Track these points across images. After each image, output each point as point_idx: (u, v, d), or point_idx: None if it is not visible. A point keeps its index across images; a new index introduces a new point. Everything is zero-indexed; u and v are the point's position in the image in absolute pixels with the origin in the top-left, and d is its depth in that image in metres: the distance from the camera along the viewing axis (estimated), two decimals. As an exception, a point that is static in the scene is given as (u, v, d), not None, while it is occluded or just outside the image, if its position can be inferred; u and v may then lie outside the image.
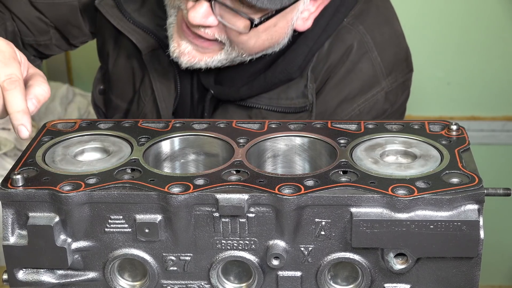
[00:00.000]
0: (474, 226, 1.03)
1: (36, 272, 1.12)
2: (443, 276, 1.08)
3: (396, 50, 1.62)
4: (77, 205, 1.06)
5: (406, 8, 1.67)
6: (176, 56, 1.45)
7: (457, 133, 1.21)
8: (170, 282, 1.12)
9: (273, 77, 1.53)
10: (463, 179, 1.07)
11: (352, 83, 1.57)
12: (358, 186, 1.06)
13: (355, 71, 1.57)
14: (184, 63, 1.45)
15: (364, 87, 1.57)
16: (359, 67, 1.57)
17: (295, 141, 1.23)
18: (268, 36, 1.44)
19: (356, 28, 1.56)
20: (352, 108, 1.57)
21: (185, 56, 1.45)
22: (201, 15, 1.37)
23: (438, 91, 2.69)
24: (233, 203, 1.05)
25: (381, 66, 1.58)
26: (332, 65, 1.56)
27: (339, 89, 1.57)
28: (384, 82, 1.58)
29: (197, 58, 1.45)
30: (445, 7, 2.60)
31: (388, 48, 1.60)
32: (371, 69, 1.57)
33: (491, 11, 2.59)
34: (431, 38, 2.60)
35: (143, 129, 1.24)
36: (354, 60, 1.56)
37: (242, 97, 1.55)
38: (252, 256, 1.09)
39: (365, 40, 1.57)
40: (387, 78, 1.59)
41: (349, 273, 1.11)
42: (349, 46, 1.56)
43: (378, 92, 1.58)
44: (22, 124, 1.10)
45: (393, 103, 1.61)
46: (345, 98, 1.57)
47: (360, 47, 1.56)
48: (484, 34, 2.62)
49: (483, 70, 2.67)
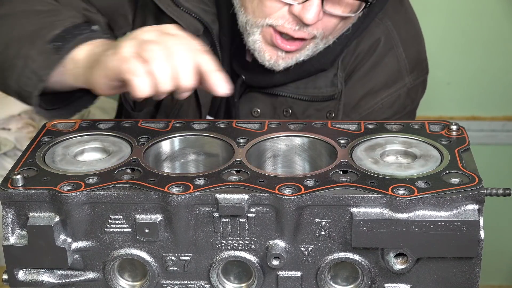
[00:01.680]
0: (474, 226, 1.03)
1: (36, 272, 1.12)
2: (443, 276, 1.08)
3: (419, 49, 1.65)
4: (77, 205, 1.06)
5: (406, 8, 1.71)
6: (273, 62, 1.45)
7: (457, 133, 1.21)
8: (170, 282, 1.12)
9: (310, 65, 1.53)
10: (463, 179, 1.07)
11: (378, 76, 1.59)
12: (358, 186, 1.06)
13: (381, 65, 1.59)
14: (281, 65, 1.46)
15: (389, 82, 1.60)
16: (385, 61, 1.59)
17: (295, 141, 1.23)
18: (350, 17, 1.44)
19: (385, 23, 1.59)
20: (375, 101, 1.59)
21: (282, 60, 1.45)
22: (317, 13, 1.36)
23: (438, 91, 2.69)
24: (233, 203, 1.05)
25: (405, 62, 1.60)
26: (360, 56, 1.58)
27: (364, 82, 1.59)
28: (407, 78, 1.61)
29: (290, 58, 1.45)
30: (445, 7, 2.60)
31: (412, 46, 1.62)
32: (396, 64, 1.60)
33: (491, 11, 2.59)
34: (432, 38, 2.59)
35: (143, 129, 1.24)
36: (381, 54, 1.59)
37: (276, 83, 1.55)
38: (252, 256, 1.09)
39: (392, 35, 1.59)
40: (410, 74, 1.61)
41: (349, 273, 1.11)
42: (376, 39, 1.58)
43: (401, 87, 1.60)
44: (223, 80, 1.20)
45: (413, 99, 1.64)
46: (370, 91, 1.59)
47: (387, 42, 1.59)
48: (484, 34, 2.62)
49: (483, 70, 2.67)
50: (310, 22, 1.37)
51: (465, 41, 2.63)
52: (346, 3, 1.39)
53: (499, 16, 2.59)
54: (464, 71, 2.68)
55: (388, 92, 1.60)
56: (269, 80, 1.54)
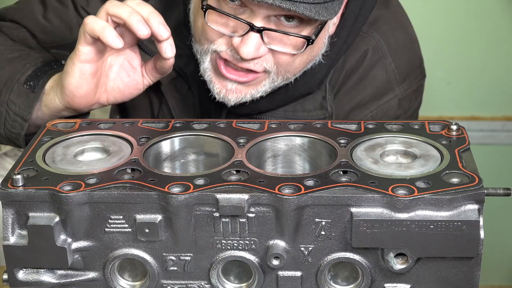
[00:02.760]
0: (474, 226, 1.03)
1: (36, 272, 1.12)
2: (443, 276, 1.08)
3: (411, 56, 1.61)
4: (77, 205, 1.06)
5: (406, 8, 1.67)
6: (222, 96, 1.41)
7: (457, 133, 1.21)
8: (170, 282, 1.12)
9: (295, 90, 1.50)
10: (463, 179, 1.07)
11: (365, 89, 1.56)
12: (358, 186, 1.06)
13: (368, 78, 1.56)
14: (232, 100, 1.41)
15: (377, 94, 1.57)
16: (373, 73, 1.56)
17: (295, 141, 1.23)
18: (311, 50, 1.41)
19: (370, 35, 1.56)
20: (364, 114, 1.56)
21: (232, 93, 1.40)
22: (254, 48, 1.32)
23: (438, 91, 2.69)
24: (233, 203, 1.05)
25: (395, 72, 1.57)
26: (348, 72, 1.55)
27: (352, 95, 1.56)
28: (398, 89, 1.58)
29: (243, 93, 1.41)
30: (446, 7, 2.60)
31: (403, 54, 1.59)
32: (385, 75, 1.57)
33: (491, 11, 2.59)
34: (431, 38, 2.59)
35: (143, 129, 1.24)
36: (368, 66, 1.56)
37: (261, 110, 1.53)
38: (252, 256, 1.09)
39: (379, 46, 1.56)
40: (401, 84, 1.58)
41: (349, 273, 1.11)
42: (363, 52, 1.55)
43: (392, 98, 1.58)
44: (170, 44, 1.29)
45: (407, 109, 1.60)
46: (358, 104, 1.56)
47: (374, 53, 1.56)
48: (484, 34, 2.62)
49: (483, 70, 2.67)
50: (245, 56, 1.32)
51: (465, 41, 2.63)
52: (289, 39, 1.35)
53: (499, 16, 2.59)
54: (464, 71, 2.67)
55: (377, 104, 1.57)
56: (254, 107, 1.51)
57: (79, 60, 1.31)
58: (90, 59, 1.31)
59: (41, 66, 1.44)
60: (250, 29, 1.31)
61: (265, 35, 1.33)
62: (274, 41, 1.35)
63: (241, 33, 1.33)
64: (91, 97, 1.36)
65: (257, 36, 1.32)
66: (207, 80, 1.43)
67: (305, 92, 1.52)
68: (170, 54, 1.30)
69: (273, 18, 1.32)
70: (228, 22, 1.34)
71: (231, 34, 1.34)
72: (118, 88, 1.38)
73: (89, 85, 1.33)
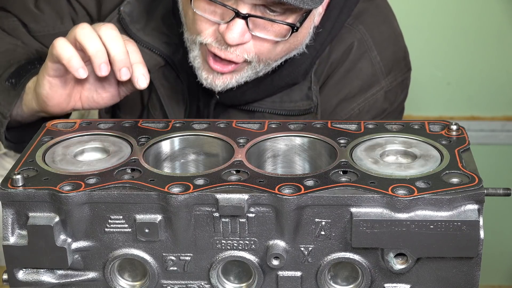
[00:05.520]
0: (474, 226, 1.03)
1: (36, 272, 1.12)
2: (443, 276, 1.08)
3: (395, 49, 1.62)
4: (77, 205, 1.06)
5: (406, 8, 1.67)
6: (209, 82, 1.43)
7: (457, 133, 1.21)
8: (170, 282, 1.12)
9: (280, 80, 1.52)
10: (463, 179, 1.07)
11: (352, 82, 1.57)
12: (358, 186, 1.06)
13: (355, 70, 1.57)
14: (218, 86, 1.43)
15: (364, 86, 1.58)
16: (359, 66, 1.57)
17: (295, 141, 1.23)
18: (295, 38, 1.42)
19: (356, 28, 1.57)
20: (351, 107, 1.57)
21: (219, 80, 1.43)
22: (239, 34, 1.34)
23: (438, 91, 2.69)
24: (233, 203, 1.05)
25: (380, 65, 1.58)
26: (333, 64, 1.56)
27: (339, 88, 1.57)
28: (384, 81, 1.59)
29: (228, 78, 1.43)
30: (446, 7, 2.60)
31: (387, 47, 1.60)
32: (371, 68, 1.58)
33: (491, 11, 2.59)
34: (431, 38, 2.59)
35: (143, 129, 1.24)
36: (354, 59, 1.57)
37: (248, 100, 1.55)
38: (252, 256, 1.09)
39: (365, 39, 1.57)
40: (387, 77, 1.59)
41: (349, 273, 1.11)
42: (349, 45, 1.56)
43: (378, 91, 1.58)
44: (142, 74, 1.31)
45: (393, 102, 1.61)
46: (345, 97, 1.57)
47: (360, 46, 1.57)
48: (484, 34, 2.62)
49: (482, 70, 2.67)
50: (231, 42, 1.34)
51: (465, 41, 2.63)
52: (273, 27, 1.37)
53: (499, 16, 2.59)
54: (464, 71, 2.67)
55: (364, 97, 1.58)
56: (241, 97, 1.54)
57: (48, 75, 1.33)
58: (59, 74, 1.33)
59: (24, 64, 1.45)
60: (235, 15, 1.33)
61: (250, 22, 1.34)
62: (258, 28, 1.36)
63: (227, 20, 1.34)
64: (64, 105, 1.38)
65: (243, 22, 1.34)
66: (196, 67, 1.45)
67: (290, 82, 1.53)
68: (144, 85, 1.32)
69: (260, 7, 1.34)
70: (216, 10, 1.36)
71: (218, 20, 1.36)
72: (92, 98, 1.40)
73: (61, 96, 1.36)
